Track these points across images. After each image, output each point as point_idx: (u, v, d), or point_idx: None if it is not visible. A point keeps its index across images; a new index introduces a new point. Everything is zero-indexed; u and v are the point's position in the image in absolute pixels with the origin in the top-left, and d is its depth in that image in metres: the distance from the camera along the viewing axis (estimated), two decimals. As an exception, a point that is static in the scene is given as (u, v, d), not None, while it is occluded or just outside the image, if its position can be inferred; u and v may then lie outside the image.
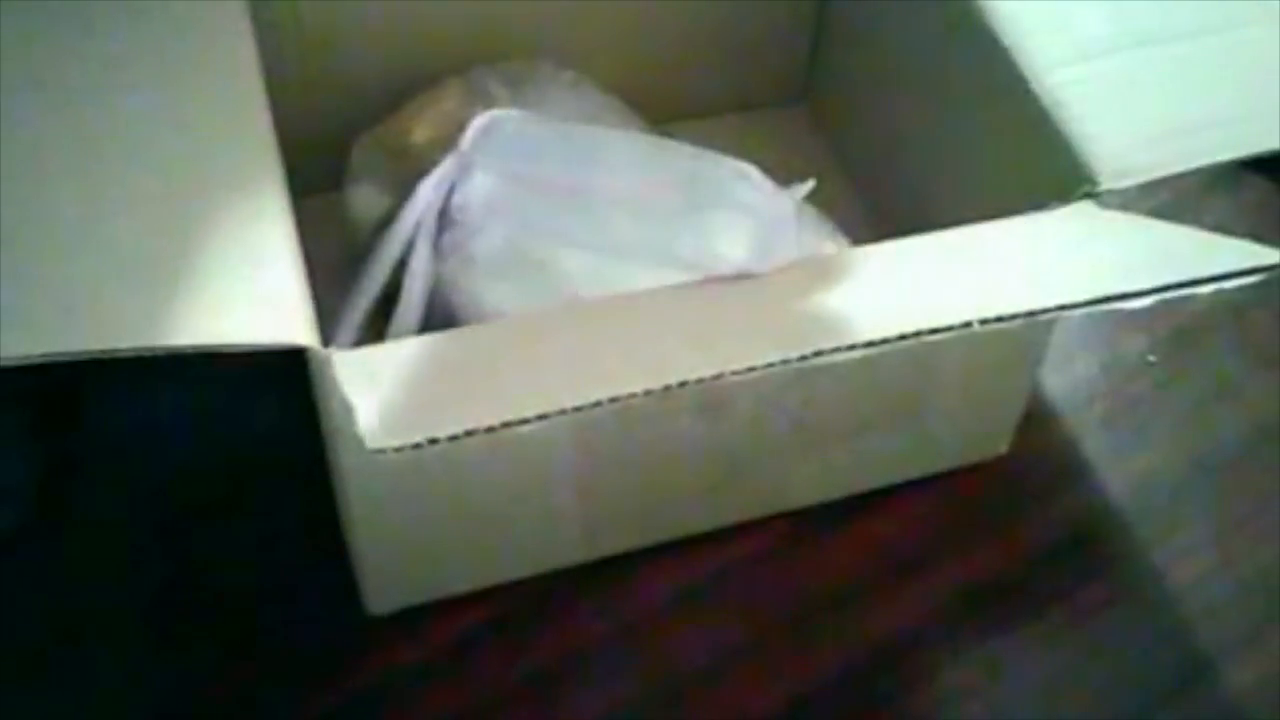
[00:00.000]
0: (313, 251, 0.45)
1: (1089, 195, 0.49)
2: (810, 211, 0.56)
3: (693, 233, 0.50)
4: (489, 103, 0.57)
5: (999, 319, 0.42)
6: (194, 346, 0.40)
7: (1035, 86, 0.52)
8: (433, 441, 0.37)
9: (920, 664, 0.56)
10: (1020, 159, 0.53)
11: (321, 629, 0.54)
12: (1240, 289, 0.43)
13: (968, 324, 0.42)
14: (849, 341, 0.41)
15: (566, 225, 0.53)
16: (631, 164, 0.54)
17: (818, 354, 0.41)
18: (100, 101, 0.47)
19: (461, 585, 0.55)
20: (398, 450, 0.37)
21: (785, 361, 0.41)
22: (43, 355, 0.39)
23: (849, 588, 0.57)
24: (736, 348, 0.42)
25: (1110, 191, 0.49)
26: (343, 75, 0.62)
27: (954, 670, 0.56)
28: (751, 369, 0.40)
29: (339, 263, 0.56)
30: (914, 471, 0.60)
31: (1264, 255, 0.44)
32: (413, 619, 0.54)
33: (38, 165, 0.45)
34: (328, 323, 0.45)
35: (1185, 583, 0.59)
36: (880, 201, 0.65)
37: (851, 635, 0.56)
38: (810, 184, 0.49)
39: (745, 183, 0.51)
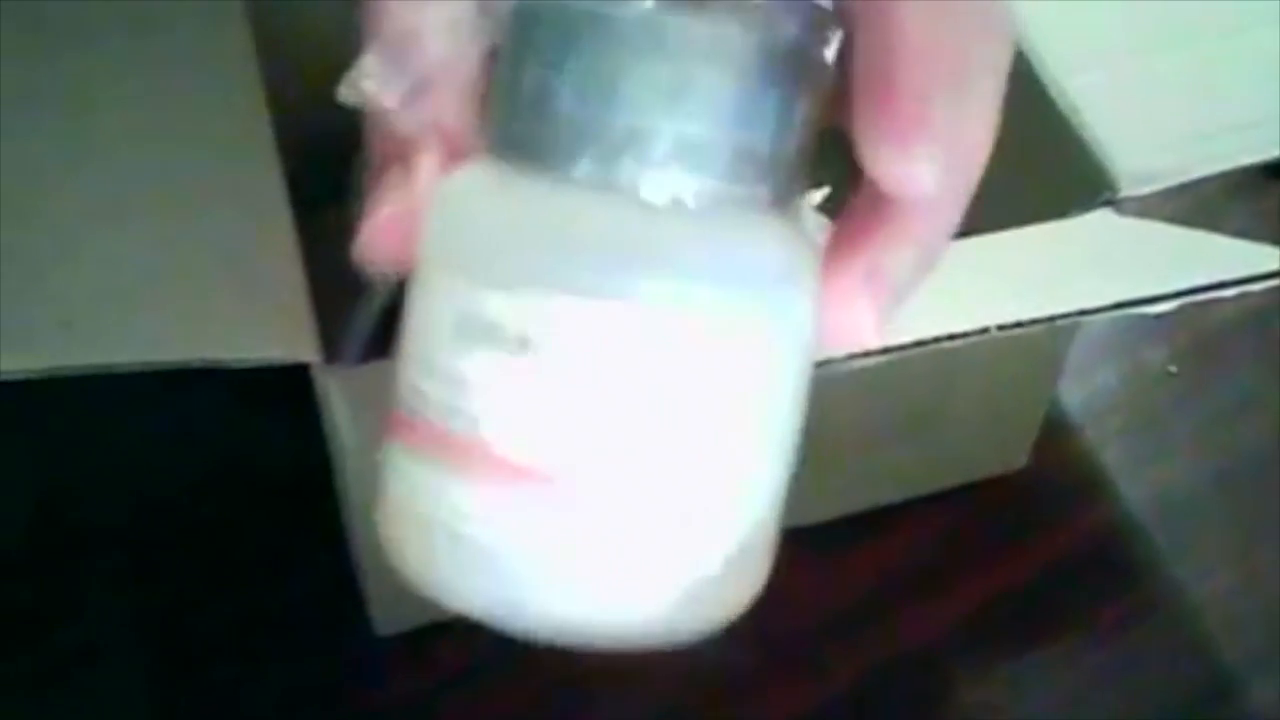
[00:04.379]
0: (315, 265, 0.45)
1: (1109, 202, 0.49)
2: (821, 220, 0.55)
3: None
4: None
5: (1018, 324, 0.41)
6: (196, 361, 0.40)
7: (1053, 91, 0.51)
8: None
9: (939, 682, 0.55)
10: (1038, 165, 0.52)
11: (329, 651, 0.54)
12: (1261, 299, 0.43)
13: (985, 330, 0.41)
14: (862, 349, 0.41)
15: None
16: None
17: (829, 362, 0.40)
18: (98, 112, 0.46)
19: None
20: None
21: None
22: (42, 371, 0.38)
23: (865, 605, 0.56)
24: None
25: (1130, 198, 0.49)
26: (347, 87, 0.61)
27: (974, 688, 0.55)
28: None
29: (342, 276, 0.55)
30: (931, 485, 0.59)
31: (1287, 260, 0.44)
32: (421, 640, 0.54)
33: (35, 176, 0.44)
34: (332, 337, 0.44)
35: (1208, 597, 0.58)
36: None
37: (868, 653, 0.55)
38: (825, 191, 0.48)
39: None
